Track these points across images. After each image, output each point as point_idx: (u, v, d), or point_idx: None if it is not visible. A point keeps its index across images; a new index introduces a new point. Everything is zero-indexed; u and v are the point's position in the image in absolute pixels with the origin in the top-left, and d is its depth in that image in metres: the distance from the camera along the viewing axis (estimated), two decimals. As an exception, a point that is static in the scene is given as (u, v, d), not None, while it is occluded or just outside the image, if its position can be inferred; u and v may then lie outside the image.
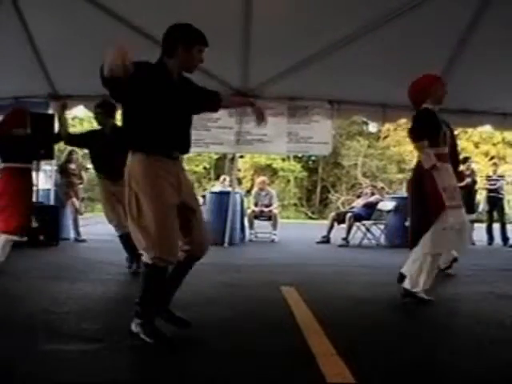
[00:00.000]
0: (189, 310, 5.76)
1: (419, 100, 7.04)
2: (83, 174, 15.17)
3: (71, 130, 33.13)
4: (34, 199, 9.81)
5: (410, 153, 22.72)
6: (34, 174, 9.03)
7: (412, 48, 11.19)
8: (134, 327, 4.52)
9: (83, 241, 13.70)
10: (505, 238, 15.86)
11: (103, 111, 8.69)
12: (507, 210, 16.09)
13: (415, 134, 6.72)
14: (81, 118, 39.54)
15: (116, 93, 4.64)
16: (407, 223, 8.65)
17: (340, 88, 12.60)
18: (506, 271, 10.11)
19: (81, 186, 14.82)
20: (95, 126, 9.41)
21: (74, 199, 13.92)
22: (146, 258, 4.52)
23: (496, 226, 16.45)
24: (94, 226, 18.74)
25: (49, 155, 12.15)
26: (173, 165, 4.72)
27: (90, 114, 11.34)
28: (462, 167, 17.00)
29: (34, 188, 13.78)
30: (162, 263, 4.51)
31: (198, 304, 6.18)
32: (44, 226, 12.28)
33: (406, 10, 10.20)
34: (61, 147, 15.56)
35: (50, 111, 12.81)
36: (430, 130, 6.62)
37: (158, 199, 4.45)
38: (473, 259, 11.76)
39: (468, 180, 16.00)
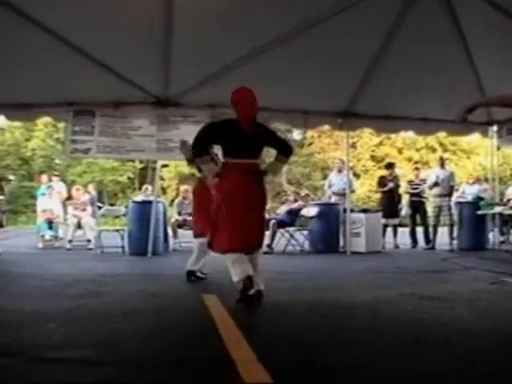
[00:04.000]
0: (110, 320, 5.68)
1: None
2: (4, 185, 14.86)
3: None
4: None
5: (333, 159, 23.23)
6: None
7: (333, 55, 11.33)
8: None
9: (-2, 254, 13.31)
10: (428, 241, 16.08)
11: None
12: (429, 213, 16.30)
13: None
14: (2, 127, 38.94)
15: None
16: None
17: (261, 95, 12.55)
18: (429, 273, 10.26)
19: (1, 197, 14.50)
20: (17, 135, 9.30)
21: None
22: None
23: (419, 230, 16.67)
24: (15, 239, 18.43)
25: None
26: None
27: (12, 124, 11.05)
28: (384, 172, 17.31)
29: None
30: None
31: (121, 313, 6.09)
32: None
33: (328, 17, 10.29)
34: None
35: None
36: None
37: None
38: (397, 262, 11.97)
39: (390, 185, 16.27)
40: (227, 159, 6.96)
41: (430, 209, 16.52)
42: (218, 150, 7.45)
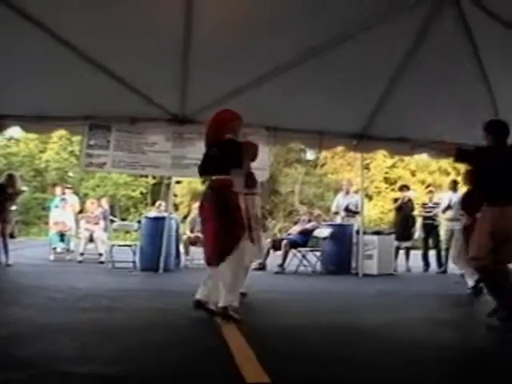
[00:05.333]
0: (123, 335, 5.68)
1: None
2: (18, 198, 14.78)
3: (7, 151, 32.33)
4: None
5: (347, 181, 23.21)
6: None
7: (349, 77, 11.34)
8: None
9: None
10: (440, 265, 16.03)
11: None
12: (442, 237, 16.22)
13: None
14: (17, 139, 39.09)
15: None
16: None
17: (277, 115, 12.65)
18: (441, 297, 10.22)
19: (13, 208, 14.47)
20: (31, 147, 9.28)
21: None
22: None
23: (432, 253, 16.62)
24: (26, 250, 18.48)
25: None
26: None
27: (27, 136, 11.07)
28: (398, 195, 17.28)
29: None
30: None
31: (133, 329, 6.10)
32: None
33: (345, 40, 10.29)
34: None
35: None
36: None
37: None
38: (409, 285, 11.91)
39: (405, 197, 16.31)
40: None
41: (442, 232, 16.44)
42: None
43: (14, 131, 14.02)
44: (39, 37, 9.96)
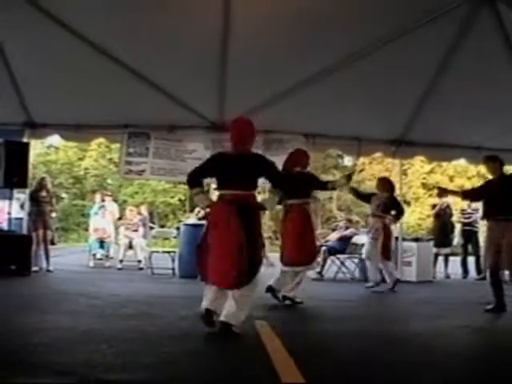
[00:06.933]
0: (161, 341, 5.69)
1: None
2: (54, 201, 14.81)
3: (46, 158, 32.42)
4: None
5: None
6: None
7: (386, 83, 11.28)
8: None
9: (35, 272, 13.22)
10: (479, 271, 15.85)
11: None
12: (481, 243, 16.03)
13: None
14: (56, 146, 39.38)
15: None
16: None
17: (315, 121, 12.64)
18: (482, 305, 10.09)
19: (53, 214, 14.55)
20: (70, 154, 9.33)
21: (40, 231, 13.45)
22: None
23: (471, 260, 16.46)
24: (66, 257, 18.60)
25: (22, 183, 12.04)
26: None
27: (66, 143, 11.18)
28: (436, 200, 17.12)
29: (7, 216, 13.62)
30: None
31: (172, 336, 6.10)
32: (16, 255, 12.06)
33: (382, 45, 10.26)
34: (35, 174, 15.41)
35: (25, 139, 12.75)
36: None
37: None
38: (448, 292, 11.76)
39: (437, 208, 16.17)
40: (219, 191, 6.84)
41: (481, 238, 16.26)
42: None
43: (54, 139, 14.09)
44: (78, 47, 10.08)
